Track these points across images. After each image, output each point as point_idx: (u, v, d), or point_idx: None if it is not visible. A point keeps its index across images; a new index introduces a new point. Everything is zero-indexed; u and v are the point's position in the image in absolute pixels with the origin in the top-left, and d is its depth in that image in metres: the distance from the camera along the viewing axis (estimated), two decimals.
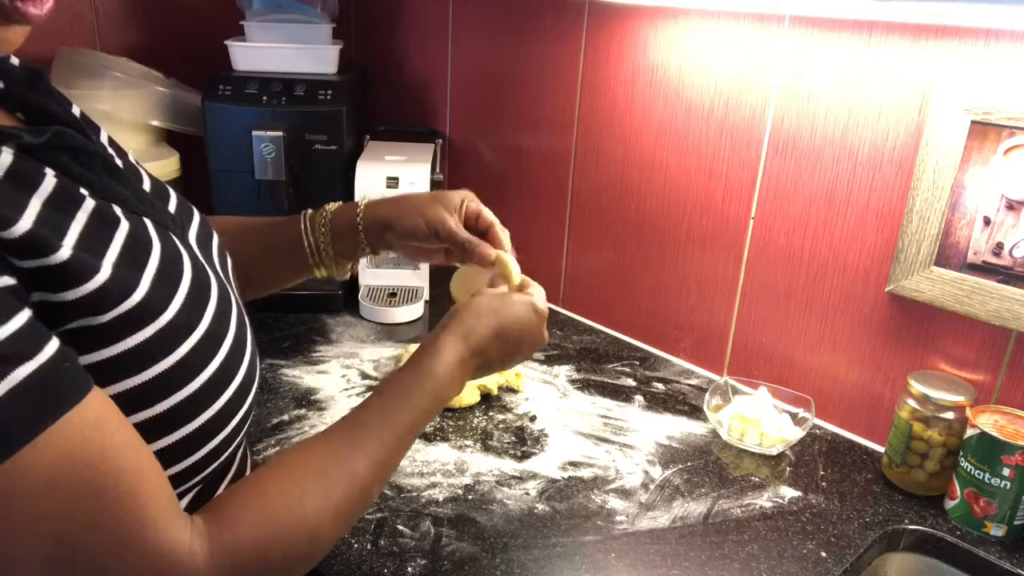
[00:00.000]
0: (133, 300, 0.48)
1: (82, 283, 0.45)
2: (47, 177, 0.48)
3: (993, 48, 0.85)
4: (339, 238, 0.82)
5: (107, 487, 0.43)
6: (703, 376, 1.20)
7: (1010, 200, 0.86)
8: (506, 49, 1.37)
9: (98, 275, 0.46)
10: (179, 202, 0.65)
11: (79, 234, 0.47)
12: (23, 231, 0.43)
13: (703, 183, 1.15)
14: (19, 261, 0.43)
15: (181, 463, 0.52)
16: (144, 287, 0.49)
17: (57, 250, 0.44)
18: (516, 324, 0.70)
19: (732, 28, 1.06)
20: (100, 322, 0.46)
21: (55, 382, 0.42)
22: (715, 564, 0.80)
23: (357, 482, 0.56)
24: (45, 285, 0.44)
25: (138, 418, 0.48)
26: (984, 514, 0.86)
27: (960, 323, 0.94)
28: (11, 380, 0.39)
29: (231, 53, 1.34)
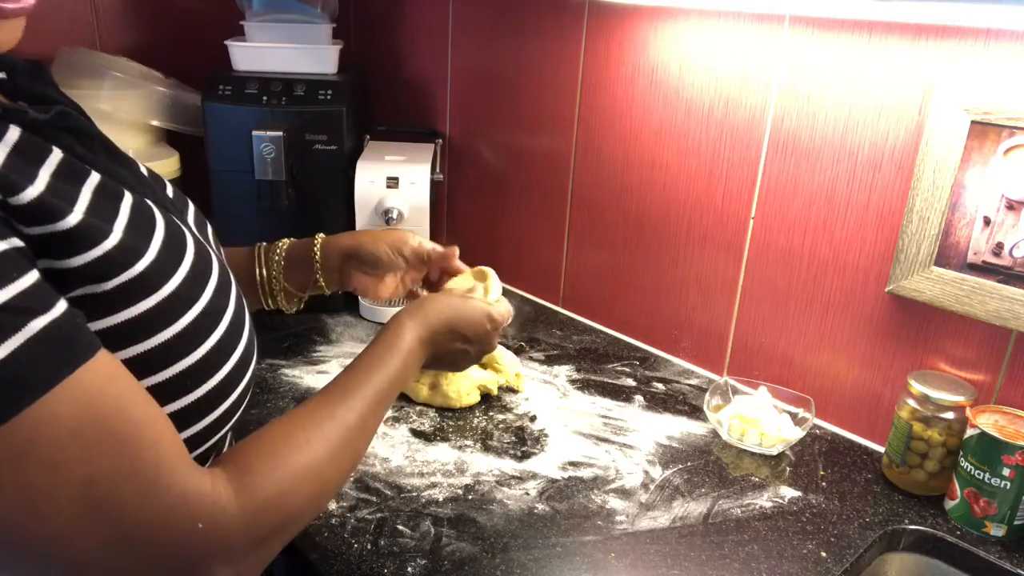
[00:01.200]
0: (136, 269, 0.49)
1: (89, 248, 0.47)
2: (53, 152, 0.50)
3: (993, 48, 0.85)
4: (292, 269, 0.87)
5: (128, 435, 0.45)
6: (703, 376, 1.20)
7: (1010, 200, 0.86)
8: (506, 49, 1.37)
9: (107, 240, 0.48)
10: (175, 191, 0.68)
11: (88, 201, 0.49)
12: (32, 197, 0.44)
13: (703, 183, 1.15)
14: (26, 227, 0.44)
15: (186, 430, 0.54)
16: (149, 257, 0.51)
17: (66, 216, 0.46)
18: (469, 325, 0.78)
19: (732, 28, 1.06)
20: (103, 290, 0.48)
21: (69, 335, 0.43)
22: (715, 564, 0.80)
23: (347, 432, 0.61)
24: (50, 252, 0.45)
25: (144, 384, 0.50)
26: (984, 514, 0.86)
27: (960, 323, 0.94)
28: (28, 331, 0.41)
29: (231, 53, 1.35)
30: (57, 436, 0.42)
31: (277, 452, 0.55)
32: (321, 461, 0.57)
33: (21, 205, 0.43)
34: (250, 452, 0.55)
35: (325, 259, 0.87)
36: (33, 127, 0.50)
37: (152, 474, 0.46)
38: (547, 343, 1.27)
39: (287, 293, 0.88)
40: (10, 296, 0.40)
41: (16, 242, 0.43)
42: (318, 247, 0.87)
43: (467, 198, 1.55)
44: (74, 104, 0.60)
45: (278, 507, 0.53)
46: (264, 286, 0.87)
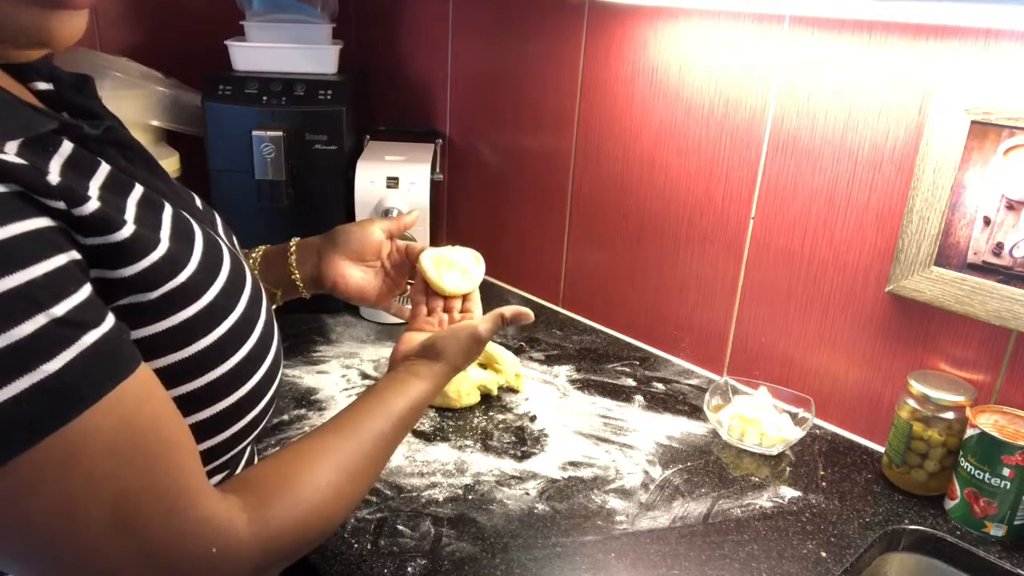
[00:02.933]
0: (180, 279, 0.50)
1: (140, 259, 0.48)
2: (102, 165, 0.51)
3: (993, 48, 0.85)
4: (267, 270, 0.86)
5: (158, 455, 0.46)
6: (703, 376, 1.20)
7: (1010, 200, 0.86)
8: (506, 49, 1.37)
9: (156, 250, 0.49)
10: (203, 203, 0.69)
11: (135, 213, 0.50)
12: (93, 208, 0.45)
13: (703, 183, 1.15)
14: (84, 238, 0.45)
15: (216, 436, 0.55)
16: (192, 267, 0.52)
17: (121, 227, 0.47)
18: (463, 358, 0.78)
19: (732, 28, 1.06)
20: (148, 299, 0.49)
21: (116, 350, 0.44)
22: (715, 564, 0.80)
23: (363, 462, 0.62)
24: (104, 262, 0.46)
25: (178, 391, 0.51)
26: (984, 514, 0.86)
27: (960, 323, 0.94)
28: (82, 344, 0.42)
29: (231, 53, 1.34)
30: (97, 449, 0.43)
31: (291, 482, 0.56)
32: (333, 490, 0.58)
33: (83, 216, 0.44)
34: (266, 480, 0.55)
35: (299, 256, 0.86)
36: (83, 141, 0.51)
37: (176, 495, 0.46)
38: (547, 343, 1.27)
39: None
40: (68, 309, 0.41)
41: (75, 255, 0.44)
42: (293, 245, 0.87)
43: (467, 198, 1.55)
44: (115, 117, 0.61)
45: (288, 539, 0.54)
46: None
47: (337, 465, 0.59)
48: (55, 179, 0.43)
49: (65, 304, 0.41)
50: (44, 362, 0.40)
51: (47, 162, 0.46)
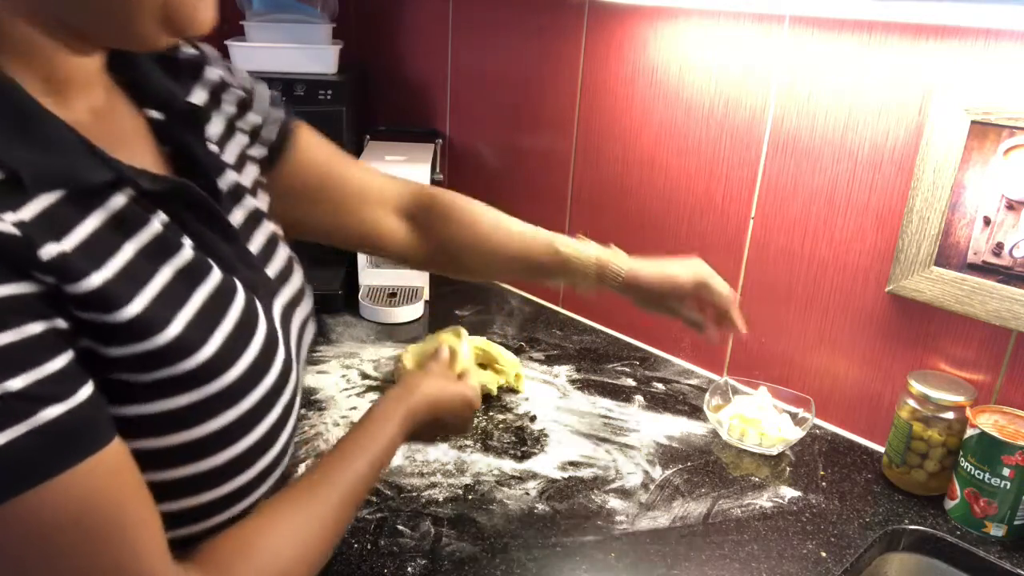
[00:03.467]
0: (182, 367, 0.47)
1: (137, 342, 0.45)
2: (152, 224, 0.49)
3: (993, 48, 0.85)
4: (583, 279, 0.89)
5: (111, 537, 0.43)
6: (703, 376, 1.20)
7: (1010, 200, 0.86)
8: (506, 49, 1.37)
9: (160, 335, 0.46)
10: (284, 265, 0.65)
11: (163, 286, 0.48)
12: (91, 287, 0.43)
13: (703, 183, 1.15)
14: (78, 311, 0.43)
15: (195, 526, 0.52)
16: (203, 355, 0.49)
17: (125, 306, 0.44)
18: (450, 413, 0.76)
19: (732, 28, 1.06)
20: (141, 380, 0.46)
21: (80, 427, 0.42)
22: (715, 564, 0.80)
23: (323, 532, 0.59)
24: (96, 336, 0.44)
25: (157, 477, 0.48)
26: (984, 514, 0.86)
27: (960, 323, 0.94)
28: (37, 420, 0.39)
29: (231, 53, 1.35)
30: (32, 534, 0.40)
31: (249, 553, 0.53)
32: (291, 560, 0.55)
33: (77, 294, 0.42)
34: (228, 550, 0.53)
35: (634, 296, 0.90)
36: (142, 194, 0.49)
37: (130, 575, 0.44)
38: (547, 343, 1.27)
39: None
40: (29, 383, 0.39)
41: (59, 323, 0.42)
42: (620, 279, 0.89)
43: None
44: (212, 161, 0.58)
45: None
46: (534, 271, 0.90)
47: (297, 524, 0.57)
48: (51, 252, 0.41)
49: (25, 377, 0.39)
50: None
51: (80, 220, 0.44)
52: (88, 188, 0.45)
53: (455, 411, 0.76)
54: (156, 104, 0.57)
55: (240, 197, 0.62)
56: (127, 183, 0.48)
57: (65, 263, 0.41)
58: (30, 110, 0.44)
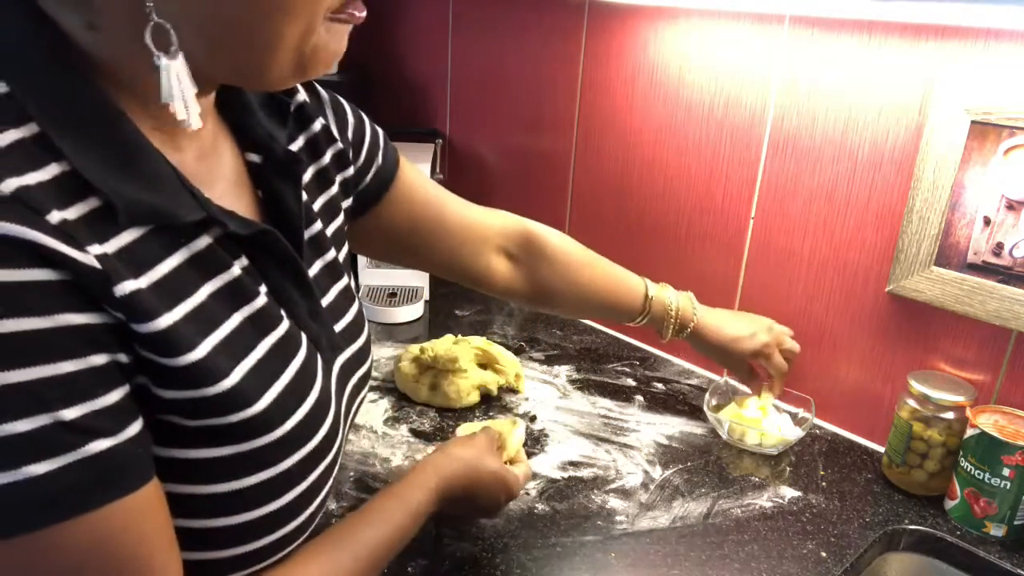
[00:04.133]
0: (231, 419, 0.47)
1: (191, 388, 0.45)
2: (232, 268, 0.49)
3: (993, 48, 0.85)
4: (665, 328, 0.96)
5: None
6: (703, 376, 1.20)
7: (1010, 200, 0.86)
8: (506, 49, 1.37)
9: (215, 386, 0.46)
10: (351, 321, 0.65)
11: (229, 333, 0.47)
12: (157, 329, 0.43)
13: (703, 183, 1.15)
14: (141, 350, 0.43)
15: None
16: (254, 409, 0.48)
17: (187, 352, 0.44)
18: (484, 495, 0.76)
19: (732, 28, 1.06)
20: (186, 425, 0.46)
21: (123, 464, 0.42)
22: (715, 564, 0.80)
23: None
24: (153, 377, 0.44)
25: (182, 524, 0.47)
26: (984, 514, 0.86)
27: (960, 323, 0.94)
28: (85, 451, 0.39)
29: None
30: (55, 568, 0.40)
31: None
32: None
33: (143, 334, 0.42)
34: None
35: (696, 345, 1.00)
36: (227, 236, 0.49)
37: None
38: (547, 343, 1.27)
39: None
40: (83, 414, 0.39)
41: (121, 357, 0.42)
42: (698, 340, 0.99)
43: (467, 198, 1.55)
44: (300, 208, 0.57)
45: None
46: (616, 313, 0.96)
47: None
48: (126, 289, 0.41)
49: (80, 408, 0.39)
50: (29, 464, 0.37)
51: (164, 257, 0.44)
52: (177, 226, 0.45)
53: (490, 491, 0.76)
54: (256, 147, 0.57)
55: (321, 248, 0.62)
56: (215, 224, 0.48)
57: (137, 302, 0.42)
58: (134, 143, 0.44)
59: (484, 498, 0.76)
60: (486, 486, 0.75)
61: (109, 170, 0.42)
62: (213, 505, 0.48)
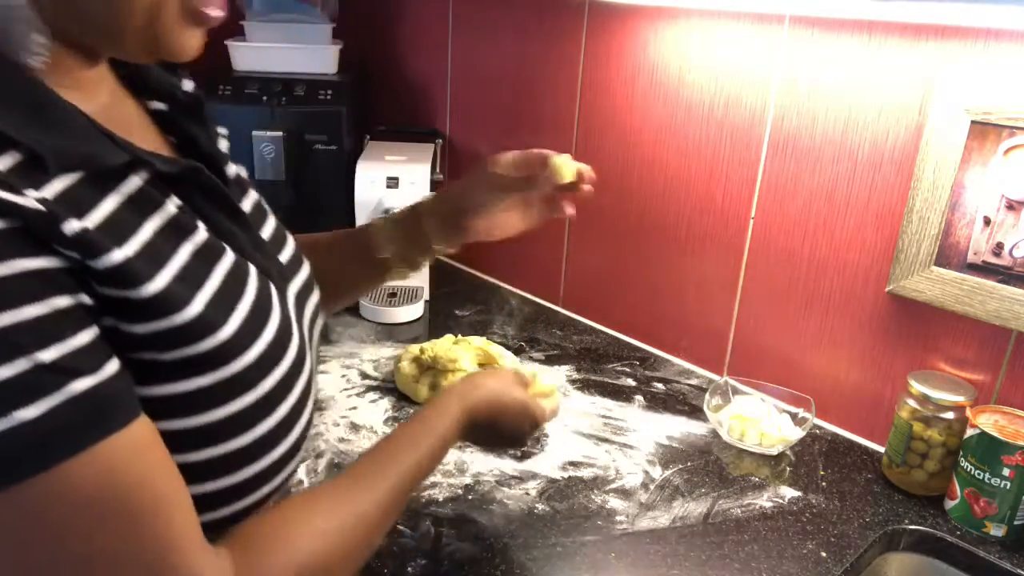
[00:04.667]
0: (203, 346, 0.48)
1: (160, 319, 0.46)
2: (167, 206, 0.50)
3: (993, 48, 0.85)
4: (409, 240, 0.83)
5: (143, 512, 0.44)
6: (703, 376, 1.20)
7: (1010, 200, 0.86)
8: (506, 49, 1.37)
9: (182, 313, 0.47)
10: (293, 254, 0.66)
11: (181, 266, 0.48)
12: (113, 263, 0.43)
13: (703, 183, 1.15)
14: (101, 287, 0.43)
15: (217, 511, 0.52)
16: (222, 335, 0.49)
17: (147, 283, 0.45)
18: (510, 421, 0.75)
19: (732, 28, 1.06)
20: (163, 359, 0.46)
21: (109, 401, 0.42)
22: (715, 564, 0.80)
23: (367, 523, 0.58)
24: (119, 313, 0.44)
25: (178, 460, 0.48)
26: (984, 514, 0.86)
27: (960, 323, 0.94)
28: (69, 391, 0.40)
29: (231, 53, 1.35)
30: (69, 504, 0.41)
31: (290, 539, 0.53)
32: (332, 551, 0.55)
33: (100, 269, 0.43)
34: (263, 535, 0.52)
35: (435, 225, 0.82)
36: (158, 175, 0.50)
37: (159, 553, 0.44)
38: (547, 343, 1.27)
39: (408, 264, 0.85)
40: (59, 355, 0.40)
41: (84, 299, 0.42)
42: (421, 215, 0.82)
43: None
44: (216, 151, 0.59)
45: None
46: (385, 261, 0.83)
47: (339, 513, 0.56)
48: (74, 228, 0.41)
49: (56, 349, 0.40)
50: (19, 409, 0.38)
51: (99, 200, 0.45)
52: (105, 170, 0.46)
53: (515, 419, 0.75)
54: (159, 96, 0.58)
55: (244, 188, 0.63)
56: (142, 165, 0.49)
57: (88, 239, 0.42)
58: (49, 99, 0.45)
59: (509, 427, 0.75)
60: (511, 415, 0.75)
61: (29, 124, 0.43)
62: (198, 438, 0.49)
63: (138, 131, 0.54)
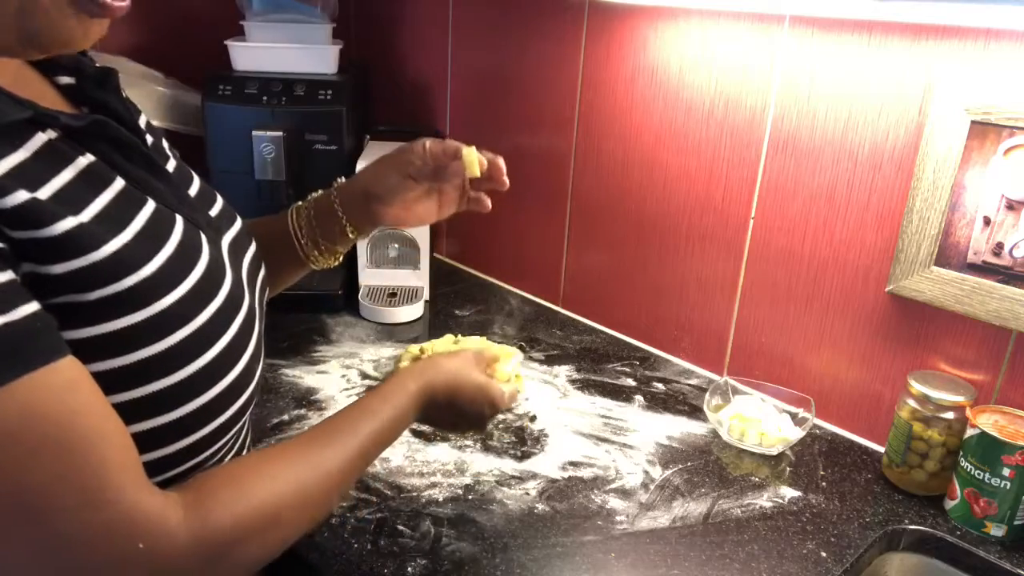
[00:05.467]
0: (125, 283, 0.49)
1: (73, 258, 0.47)
2: (81, 159, 0.50)
3: (993, 48, 0.85)
4: (323, 223, 0.82)
5: (74, 448, 0.44)
6: (703, 376, 1.20)
7: (1010, 200, 0.86)
8: (506, 49, 1.37)
9: (98, 251, 0.48)
10: (223, 209, 0.67)
11: (100, 208, 0.49)
12: (19, 202, 0.44)
13: (703, 183, 1.15)
14: (11, 231, 0.44)
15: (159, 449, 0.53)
16: (145, 272, 0.50)
17: (54, 223, 0.46)
18: (468, 404, 0.75)
19: (732, 28, 1.06)
20: (85, 300, 0.47)
21: (26, 339, 0.43)
22: (715, 564, 0.80)
23: (319, 478, 0.59)
24: (34, 256, 0.45)
25: (117, 399, 0.49)
26: (984, 514, 0.86)
27: (960, 323, 0.94)
28: None
29: (231, 53, 1.34)
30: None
31: (240, 483, 0.53)
32: (284, 501, 0.55)
33: (5, 209, 0.43)
34: (214, 479, 0.53)
35: (346, 207, 0.81)
36: (69, 132, 0.50)
37: (95, 488, 0.45)
38: (547, 343, 1.27)
39: (327, 248, 0.83)
40: None
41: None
42: (336, 195, 0.82)
43: None
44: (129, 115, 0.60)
45: (229, 537, 0.51)
46: (302, 246, 0.83)
47: (295, 467, 0.57)
48: None
49: None
50: None
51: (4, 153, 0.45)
52: (6, 125, 0.46)
53: (475, 402, 0.75)
54: (66, 71, 0.58)
55: (164, 154, 0.64)
56: (46, 120, 0.49)
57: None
58: None
59: (466, 408, 0.75)
60: (469, 397, 0.75)
61: None
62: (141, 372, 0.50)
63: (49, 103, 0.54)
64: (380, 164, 0.82)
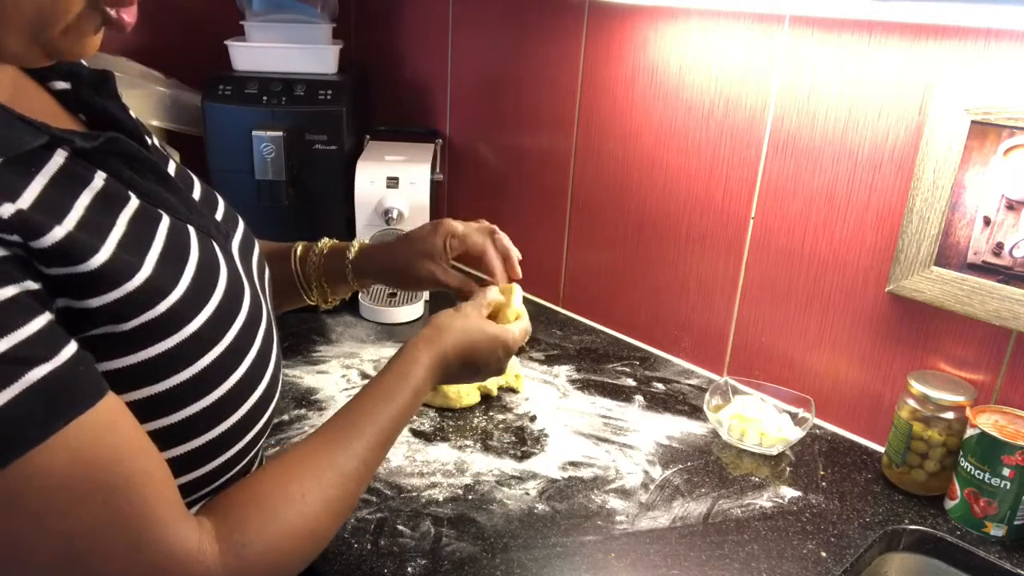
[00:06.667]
0: (159, 309, 0.49)
1: (111, 289, 0.46)
2: (96, 179, 0.50)
3: (993, 48, 0.85)
4: (331, 280, 0.85)
5: (118, 488, 0.44)
6: (703, 376, 1.20)
7: (1010, 200, 0.86)
8: (506, 49, 1.37)
9: (131, 280, 0.47)
10: (226, 210, 0.67)
11: (122, 232, 0.49)
12: (56, 240, 0.43)
13: (703, 183, 1.15)
14: (47, 268, 0.44)
15: (197, 471, 0.53)
16: (175, 296, 0.50)
17: (92, 256, 0.45)
18: (482, 354, 0.74)
19: (732, 28, 1.06)
20: (122, 330, 0.47)
21: (70, 384, 0.43)
22: (715, 564, 0.80)
23: (347, 480, 0.58)
24: (71, 292, 0.45)
25: (154, 426, 0.49)
26: (984, 514, 0.86)
27: (960, 323, 0.94)
28: (26, 381, 0.40)
29: (231, 53, 1.35)
30: (45, 488, 0.41)
31: (269, 506, 0.53)
32: (317, 516, 0.55)
33: (43, 249, 0.43)
34: (242, 504, 0.52)
35: (359, 275, 0.84)
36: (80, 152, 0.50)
37: (139, 528, 0.45)
38: (547, 343, 1.27)
39: (322, 292, 0.86)
40: (10, 345, 0.40)
41: (30, 285, 0.42)
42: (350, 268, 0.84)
43: (467, 198, 1.55)
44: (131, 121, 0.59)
45: (269, 561, 0.51)
46: (306, 290, 0.86)
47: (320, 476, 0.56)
48: (9, 211, 0.41)
49: (7, 340, 0.40)
50: None
51: (27, 183, 0.44)
52: (24, 154, 0.46)
53: (490, 352, 0.74)
54: (59, 76, 0.57)
55: (164, 157, 0.63)
56: (61, 143, 0.48)
57: (25, 218, 0.42)
58: None
59: (483, 361, 0.74)
60: (483, 349, 0.73)
61: None
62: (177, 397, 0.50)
63: (49, 114, 0.54)
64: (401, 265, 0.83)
